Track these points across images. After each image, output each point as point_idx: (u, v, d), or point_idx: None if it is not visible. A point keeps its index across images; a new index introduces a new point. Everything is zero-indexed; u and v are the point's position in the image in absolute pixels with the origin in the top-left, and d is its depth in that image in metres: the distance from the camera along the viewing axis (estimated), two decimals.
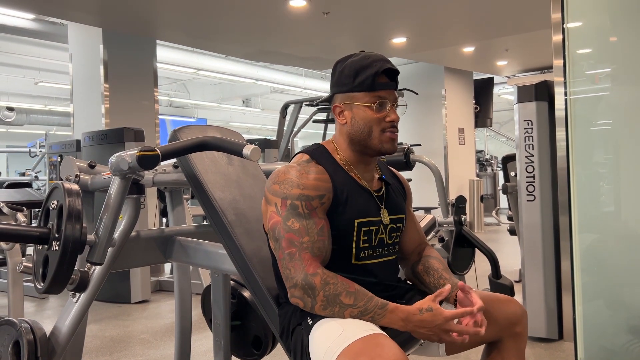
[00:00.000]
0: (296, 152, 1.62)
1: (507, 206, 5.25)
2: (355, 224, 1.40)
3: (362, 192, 1.45)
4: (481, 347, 1.54)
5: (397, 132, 1.45)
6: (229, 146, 1.45)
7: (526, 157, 3.19)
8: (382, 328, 1.29)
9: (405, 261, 1.61)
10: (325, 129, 7.19)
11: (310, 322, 1.33)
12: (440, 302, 1.31)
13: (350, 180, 1.44)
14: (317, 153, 1.46)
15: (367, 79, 1.39)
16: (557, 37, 2.76)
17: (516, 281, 4.30)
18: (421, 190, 5.50)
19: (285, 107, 7.06)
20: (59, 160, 5.42)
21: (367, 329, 1.25)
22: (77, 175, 1.93)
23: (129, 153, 1.43)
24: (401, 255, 1.59)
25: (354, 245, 1.40)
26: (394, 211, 1.50)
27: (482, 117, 9.77)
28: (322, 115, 6.71)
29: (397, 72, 1.43)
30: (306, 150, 1.48)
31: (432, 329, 1.26)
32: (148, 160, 1.42)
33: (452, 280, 1.49)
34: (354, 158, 1.47)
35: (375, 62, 1.40)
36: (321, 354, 1.25)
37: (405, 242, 1.59)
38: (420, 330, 1.27)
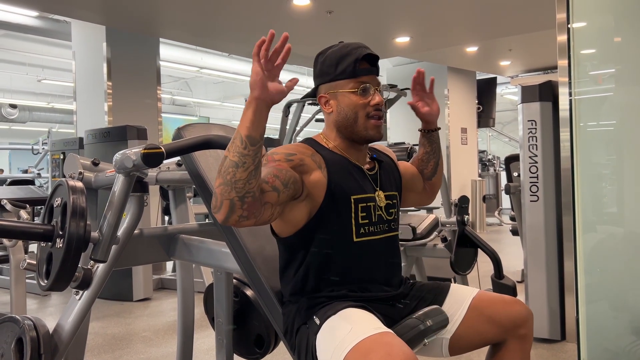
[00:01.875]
0: None
1: (509, 206, 5.23)
2: (352, 200, 1.40)
3: (356, 169, 1.46)
4: (485, 349, 1.53)
5: (383, 116, 1.46)
6: None
7: (530, 157, 3.18)
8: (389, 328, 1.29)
9: (425, 186, 1.72)
10: None
11: (318, 322, 1.33)
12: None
13: (342, 159, 1.45)
14: (307, 142, 1.48)
15: (349, 66, 1.42)
16: (562, 37, 2.76)
17: (519, 281, 4.29)
18: None
19: (287, 106, 7.05)
20: (61, 157, 5.43)
21: (376, 327, 1.25)
22: (80, 173, 1.93)
23: (134, 151, 1.43)
24: (421, 191, 1.71)
25: (353, 222, 1.40)
26: (389, 188, 1.52)
27: (484, 117, 9.75)
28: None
29: (377, 58, 1.45)
30: (296, 144, 1.50)
31: (257, 82, 1.18)
32: (152, 158, 1.42)
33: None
34: (344, 145, 1.48)
35: (355, 49, 1.43)
36: (329, 352, 1.25)
37: (415, 189, 1.69)
38: (252, 92, 1.19)
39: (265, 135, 1.21)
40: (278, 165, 1.31)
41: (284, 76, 1.07)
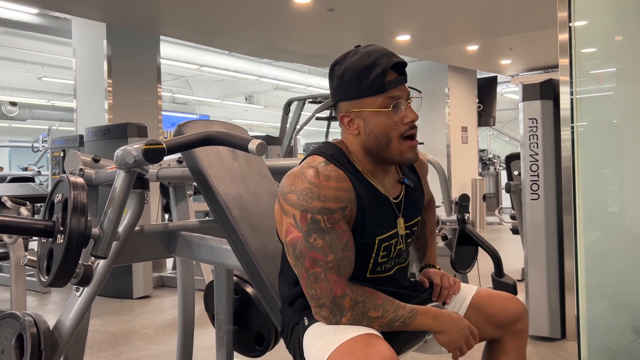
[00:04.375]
0: (305, 152, 1.57)
1: (509, 205, 5.23)
2: (377, 241, 1.31)
3: (384, 203, 1.33)
4: (482, 345, 1.53)
5: (416, 132, 1.31)
6: (234, 141, 1.44)
7: (531, 155, 3.18)
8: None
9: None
10: (329, 126, 7.18)
11: (306, 323, 1.31)
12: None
13: (373, 191, 1.31)
14: (336, 156, 1.30)
15: (376, 80, 1.23)
16: (563, 36, 2.76)
17: (519, 280, 4.30)
18: None
19: (288, 104, 7.05)
20: (62, 155, 5.43)
21: (360, 329, 1.22)
22: (81, 169, 1.93)
23: (135, 147, 1.43)
24: None
25: (372, 261, 1.34)
26: (411, 217, 1.41)
27: (485, 116, 9.75)
28: (325, 113, 6.70)
29: (404, 64, 1.27)
30: (321, 153, 1.31)
31: (461, 330, 1.27)
32: (154, 154, 1.41)
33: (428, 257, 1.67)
34: (372, 167, 1.33)
35: (379, 58, 1.24)
36: (313, 354, 1.24)
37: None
38: (450, 330, 1.26)
39: (265, 134, 1.21)
40: (342, 235, 1.23)
41: (286, 75, 1.06)
